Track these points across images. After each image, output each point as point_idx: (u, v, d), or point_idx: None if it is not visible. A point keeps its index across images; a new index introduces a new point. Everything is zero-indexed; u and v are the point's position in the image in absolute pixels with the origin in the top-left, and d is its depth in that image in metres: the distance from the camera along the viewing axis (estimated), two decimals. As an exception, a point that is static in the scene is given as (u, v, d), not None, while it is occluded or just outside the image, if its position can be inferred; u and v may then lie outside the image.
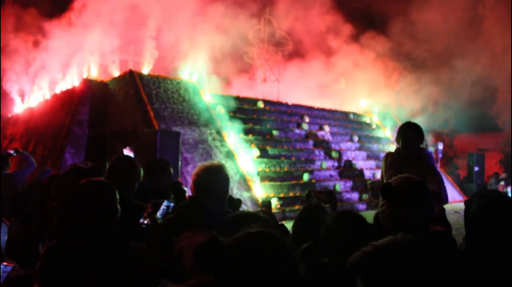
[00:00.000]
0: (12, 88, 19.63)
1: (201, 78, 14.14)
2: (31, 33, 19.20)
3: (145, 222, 2.62)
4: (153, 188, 3.53)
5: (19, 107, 19.50)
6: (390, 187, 2.11)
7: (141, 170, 3.26)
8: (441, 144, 15.62)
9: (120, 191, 2.92)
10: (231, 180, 2.69)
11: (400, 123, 5.13)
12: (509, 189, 14.41)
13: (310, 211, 3.06)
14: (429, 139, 15.69)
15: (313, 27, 19.93)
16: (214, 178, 2.55)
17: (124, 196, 2.94)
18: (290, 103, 15.95)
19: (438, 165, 14.89)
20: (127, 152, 8.12)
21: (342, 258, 1.87)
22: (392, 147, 16.23)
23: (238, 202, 3.06)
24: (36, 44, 18.64)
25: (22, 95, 19.70)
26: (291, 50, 19.39)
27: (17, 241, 3.50)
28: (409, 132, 4.14)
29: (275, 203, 10.62)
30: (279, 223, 3.37)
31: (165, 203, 2.86)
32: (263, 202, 3.71)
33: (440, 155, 15.36)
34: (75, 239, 2.19)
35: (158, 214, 2.80)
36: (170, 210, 2.88)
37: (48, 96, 17.21)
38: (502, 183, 16.49)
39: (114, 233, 2.25)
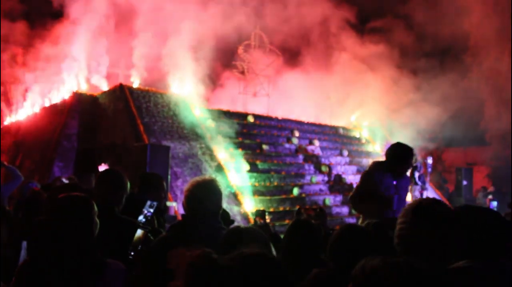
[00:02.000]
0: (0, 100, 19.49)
1: (191, 93, 14.16)
2: (20, 46, 19.14)
3: (132, 253, 2.60)
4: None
5: (7, 120, 19.34)
6: (429, 209, 1.80)
7: (128, 183, 3.24)
8: (430, 158, 15.70)
9: (110, 205, 2.92)
10: (221, 194, 2.66)
11: (389, 138, 5.25)
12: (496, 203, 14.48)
13: (298, 226, 3.07)
14: (418, 153, 15.78)
15: (303, 42, 20.14)
16: (207, 193, 2.50)
17: (113, 210, 2.93)
18: (280, 117, 15.98)
19: (428, 179, 14.97)
20: (102, 168, 7.93)
21: (343, 269, 1.87)
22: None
23: (231, 222, 3.06)
24: (25, 57, 18.57)
25: (10, 108, 19.56)
26: (281, 65, 19.51)
27: (3, 258, 3.43)
28: (397, 154, 4.27)
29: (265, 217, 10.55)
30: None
31: (146, 211, 2.88)
32: (257, 211, 3.77)
33: (429, 170, 15.44)
34: (49, 254, 2.15)
35: (141, 216, 2.82)
36: (154, 209, 2.89)
37: (37, 109, 17.10)
38: (490, 196, 16.62)
39: (91, 249, 2.21)
